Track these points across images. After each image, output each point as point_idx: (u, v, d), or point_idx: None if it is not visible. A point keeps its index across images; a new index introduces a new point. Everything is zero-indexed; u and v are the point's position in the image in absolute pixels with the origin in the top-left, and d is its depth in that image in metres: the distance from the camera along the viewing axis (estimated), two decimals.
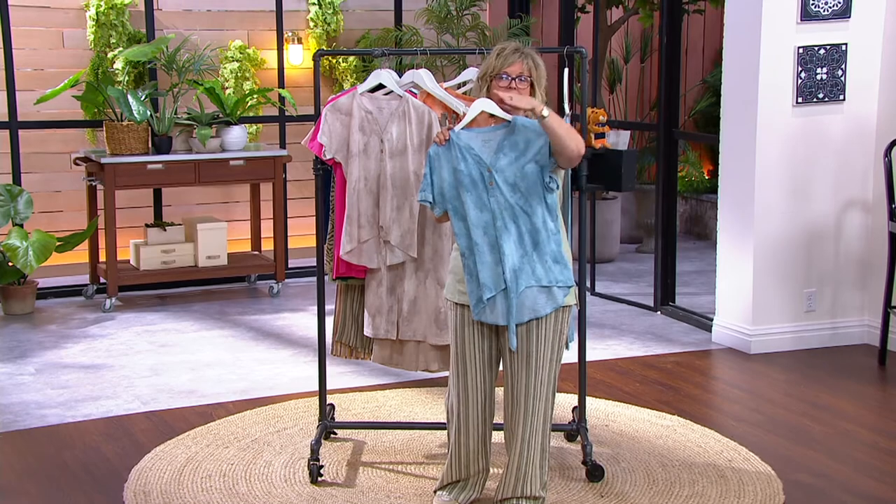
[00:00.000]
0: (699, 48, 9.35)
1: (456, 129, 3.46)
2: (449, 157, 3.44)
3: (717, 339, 5.85)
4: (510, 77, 3.46)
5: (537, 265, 3.42)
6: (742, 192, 5.63)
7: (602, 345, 5.82)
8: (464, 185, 3.42)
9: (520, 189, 3.40)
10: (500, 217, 3.40)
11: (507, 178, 3.40)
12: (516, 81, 3.46)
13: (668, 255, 6.47)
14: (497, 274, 3.40)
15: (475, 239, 3.41)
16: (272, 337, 6.02)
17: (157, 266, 6.75)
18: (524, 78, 3.48)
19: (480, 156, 3.41)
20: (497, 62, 3.48)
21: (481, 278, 3.41)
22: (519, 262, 3.41)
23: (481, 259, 3.41)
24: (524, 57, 3.49)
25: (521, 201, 3.40)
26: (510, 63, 3.47)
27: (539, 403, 3.48)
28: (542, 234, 3.41)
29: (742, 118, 5.59)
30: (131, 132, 6.47)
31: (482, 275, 3.41)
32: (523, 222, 3.40)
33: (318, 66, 4.23)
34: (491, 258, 3.41)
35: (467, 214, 3.42)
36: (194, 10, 7.36)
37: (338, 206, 4.23)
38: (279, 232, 6.96)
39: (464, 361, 3.53)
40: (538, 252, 3.41)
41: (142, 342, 5.91)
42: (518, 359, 3.47)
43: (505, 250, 3.39)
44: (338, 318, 4.38)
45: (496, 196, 3.40)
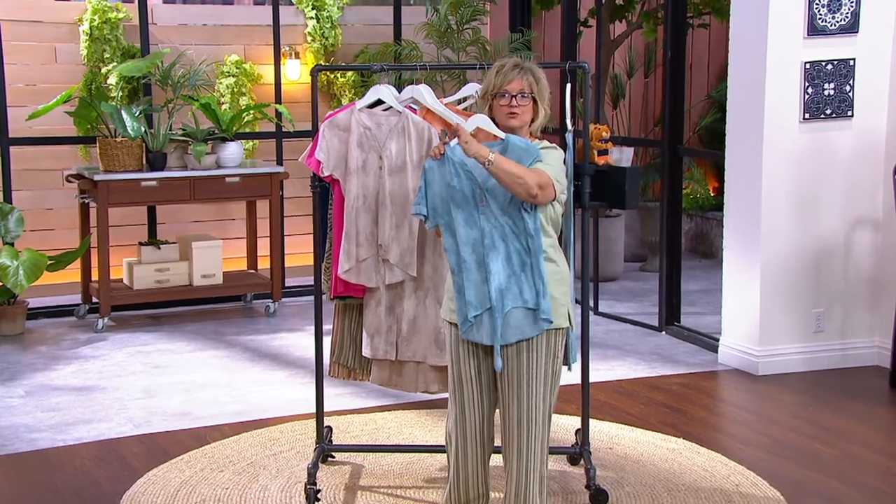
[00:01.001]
0: (704, 63, 9.37)
1: (451, 144, 3.46)
2: (443, 172, 3.45)
3: (723, 360, 5.83)
4: (511, 95, 3.46)
5: (525, 286, 3.41)
6: (748, 209, 5.62)
7: (606, 366, 5.80)
8: (455, 200, 3.42)
9: (510, 209, 3.40)
10: (490, 235, 3.40)
11: (497, 197, 3.41)
12: (517, 99, 3.46)
13: (672, 274, 6.47)
14: (483, 293, 3.40)
15: (463, 256, 3.41)
16: (268, 358, 6.01)
17: (151, 285, 6.75)
18: (525, 94, 3.48)
19: (473, 172, 3.42)
20: (497, 80, 3.47)
21: (467, 296, 3.41)
22: (506, 282, 3.40)
23: (468, 277, 3.41)
24: (524, 72, 3.49)
25: (511, 221, 3.40)
26: (510, 80, 3.47)
27: (534, 430, 3.44)
28: (533, 256, 3.40)
29: (748, 134, 5.59)
30: (125, 148, 6.47)
31: (468, 292, 3.41)
32: (512, 242, 3.40)
33: (315, 82, 4.23)
34: (478, 276, 3.41)
35: (457, 231, 3.42)
36: (190, 25, 7.38)
37: (336, 224, 4.23)
38: (276, 250, 6.95)
39: (460, 382, 3.52)
40: (526, 273, 3.41)
41: (135, 363, 5.89)
42: (509, 383, 3.44)
43: (492, 269, 3.38)
44: (335, 338, 4.37)
45: (486, 214, 3.40)
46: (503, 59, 3.55)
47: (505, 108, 3.46)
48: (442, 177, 3.45)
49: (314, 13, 7.52)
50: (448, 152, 3.44)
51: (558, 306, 3.44)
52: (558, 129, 7.22)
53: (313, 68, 4.26)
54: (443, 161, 3.45)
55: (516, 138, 3.44)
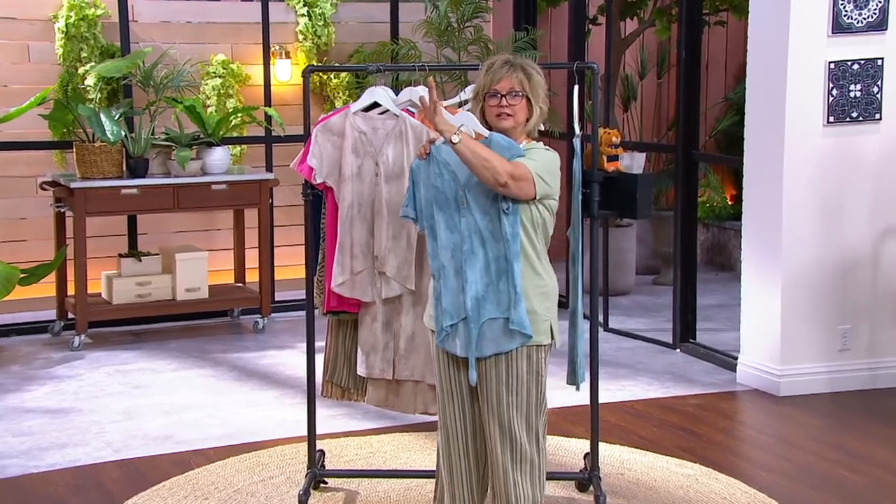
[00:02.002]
0: (721, 63, 9.39)
1: (437, 143, 3.48)
2: (428, 172, 3.47)
3: (742, 379, 5.83)
4: (500, 94, 3.46)
5: (503, 296, 3.40)
6: (768, 218, 5.63)
7: (616, 385, 5.80)
8: (438, 202, 3.44)
9: (491, 212, 3.41)
10: (469, 240, 3.40)
11: (478, 198, 3.41)
12: (508, 98, 3.47)
13: (687, 288, 6.47)
14: (459, 301, 3.41)
15: (443, 261, 3.43)
16: (257, 377, 6.01)
17: (132, 300, 6.75)
18: (516, 93, 3.47)
19: (457, 172, 3.43)
20: (486, 79, 3.48)
21: (444, 304, 3.42)
22: (483, 291, 3.40)
23: (446, 284, 3.42)
24: (514, 69, 3.47)
25: (491, 226, 3.40)
26: (499, 78, 3.46)
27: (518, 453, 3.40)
28: (511, 262, 3.38)
29: (768, 139, 5.60)
30: (104, 154, 6.48)
31: (445, 300, 3.42)
32: (491, 248, 3.40)
33: (307, 83, 4.24)
34: (455, 283, 3.42)
35: (439, 235, 3.44)
36: (173, 22, 7.39)
37: (329, 235, 4.23)
38: (265, 262, 6.96)
39: (441, 392, 3.54)
40: (503, 283, 3.40)
41: (113, 383, 5.89)
42: (487, 400, 3.43)
43: (468, 277, 3.39)
44: (328, 356, 4.37)
45: (467, 217, 3.41)
46: (494, 57, 3.56)
47: (495, 108, 3.47)
48: (427, 177, 3.47)
49: (306, 10, 7.54)
50: (434, 151, 3.46)
51: (539, 322, 3.41)
52: (566, 134, 7.24)
53: (305, 69, 4.27)
54: (429, 160, 3.47)
55: (500, 136, 3.44)
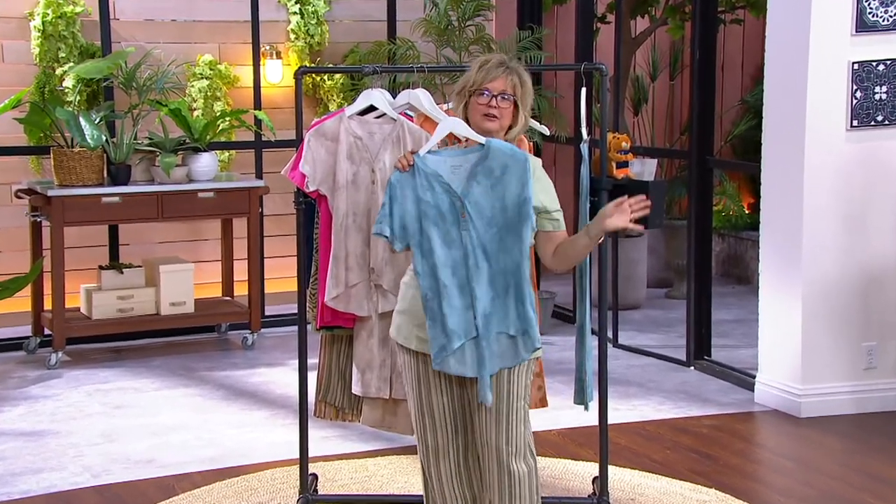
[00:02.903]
0: (737, 63, 9.40)
1: (421, 153, 3.48)
2: (413, 186, 3.46)
3: (760, 399, 5.83)
4: (491, 94, 3.49)
5: (510, 310, 3.43)
6: (788, 228, 5.63)
7: (626, 405, 5.80)
8: (429, 217, 3.43)
9: (496, 223, 3.42)
10: (472, 254, 3.41)
11: (481, 210, 3.42)
12: (498, 100, 3.50)
13: (702, 302, 6.47)
14: (467, 320, 3.42)
15: (443, 280, 3.42)
16: (246, 396, 6.01)
17: (113, 315, 6.75)
18: (507, 96, 3.51)
19: (450, 184, 3.44)
20: (478, 76, 3.51)
21: (449, 324, 3.41)
22: (490, 306, 3.42)
23: (450, 303, 3.42)
24: (509, 72, 3.52)
25: (497, 238, 3.42)
26: (492, 78, 3.50)
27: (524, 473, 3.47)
28: (517, 275, 3.43)
29: (787, 144, 5.61)
30: (83, 160, 6.48)
31: (451, 320, 3.41)
32: (496, 261, 3.42)
33: (299, 85, 4.25)
34: (461, 302, 3.42)
35: (433, 251, 3.43)
36: (157, 20, 7.41)
37: (322, 245, 4.24)
38: (254, 275, 6.96)
39: (431, 419, 3.53)
40: (509, 296, 3.43)
41: (93, 403, 5.89)
42: (487, 419, 3.47)
43: (476, 293, 3.41)
44: (322, 373, 4.37)
45: (468, 230, 3.42)
46: (488, 55, 3.59)
47: (483, 107, 3.49)
48: (412, 190, 3.45)
49: (298, 7, 7.56)
50: (418, 162, 3.46)
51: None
52: (572, 139, 7.25)
53: (297, 70, 4.28)
54: (412, 173, 3.46)
55: (499, 142, 3.46)
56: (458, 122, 3.51)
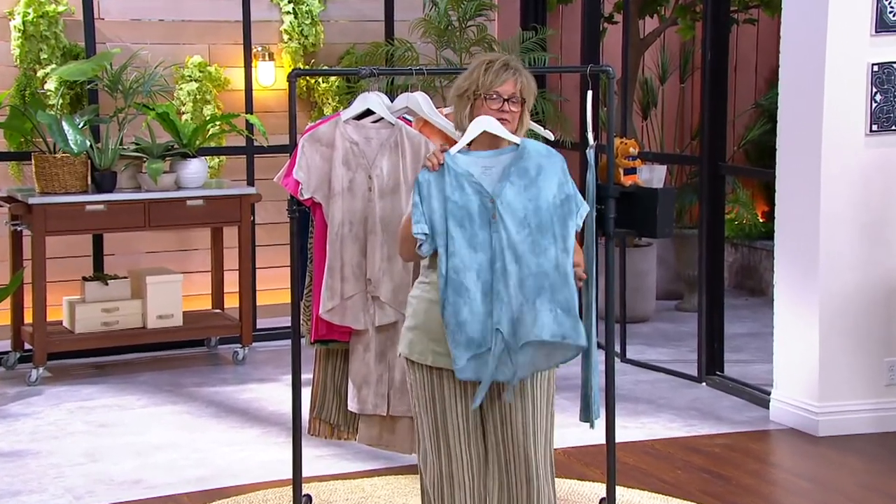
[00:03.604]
0: (751, 65, 9.41)
1: (451, 152, 3.49)
2: (441, 185, 3.47)
3: (776, 417, 5.83)
4: (502, 98, 3.52)
5: (540, 315, 3.43)
6: (804, 237, 5.64)
7: (635, 423, 5.80)
8: (458, 218, 3.45)
9: (529, 224, 3.44)
10: (501, 257, 3.42)
11: (514, 212, 3.44)
12: (509, 104, 3.53)
13: (714, 315, 6.47)
14: (487, 327, 3.43)
15: (466, 284, 3.43)
16: (236, 413, 6.00)
17: (97, 328, 6.74)
18: (517, 99, 3.55)
19: (482, 184, 3.45)
20: (485, 79, 3.53)
21: (469, 332, 3.42)
22: (518, 311, 3.43)
23: (472, 308, 3.42)
24: (518, 74, 3.56)
25: (529, 240, 3.44)
26: (502, 81, 3.53)
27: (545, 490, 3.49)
28: (551, 277, 3.43)
29: (803, 149, 5.62)
30: (66, 167, 6.49)
31: (471, 328, 3.42)
32: (526, 264, 3.43)
33: (293, 88, 4.26)
34: (483, 308, 3.43)
35: (457, 254, 3.44)
36: (144, 20, 7.41)
37: (317, 256, 4.24)
38: (245, 286, 6.96)
39: (446, 442, 3.53)
40: (542, 299, 3.43)
41: (75, 422, 5.88)
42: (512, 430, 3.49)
43: (503, 297, 3.42)
44: (316, 389, 4.37)
45: (499, 232, 3.43)
46: (488, 55, 3.60)
47: (495, 112, 3.51)
48: (440, 190, 3.47)
49: (291, 7, 7.57)
50: (448, 161, 3.47)
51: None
52: (578, 144, 7.26)
53: (291, 72, 4.29)
54: (441, 172, 3.48)
55: (535, 143, 3.51)
56: (491, 121, 3.51)
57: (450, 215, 3.45)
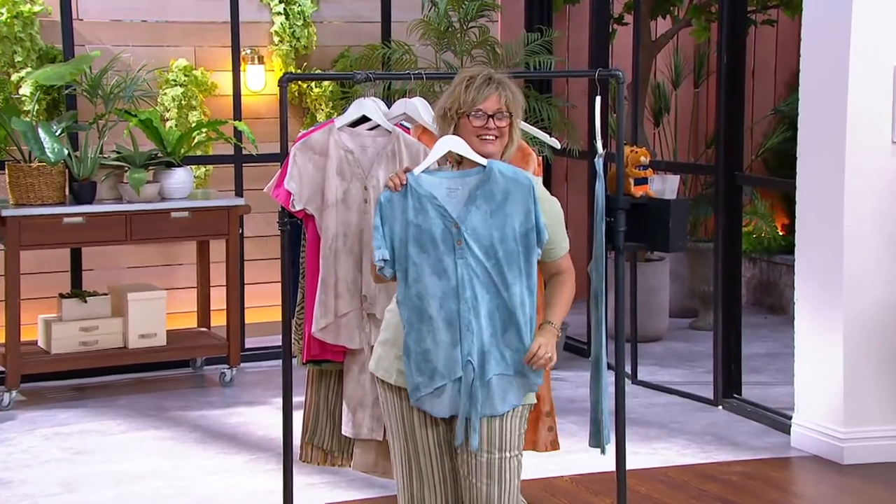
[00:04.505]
0: (769, 69, 9.43)
1: (415, 172, 3.51)
2: (403, 207, 3.49)
3: (797, 443, 5.82)
4: (486, 114, 3.53)
5: (507, 350, 3.49)
6: (827, 252, 5.64)
7: (647, 448, 5.80)
8: (420, 243, 3.47)
9: (495, 253, 3.47)
10: (468, 285, 3.45)
11: (479, 238, 3.47)
12: (494, 120, 3.53)
13: (731, 334, 6.47)
14: (453, 358, 3.46)
15: (429, 311, 3.46)
16: (223, 438, 6.00)
17: (75, 348, 6.74)
18: (503, 114, 3.55)
19: (445, 207, 3.47)
20: (467, 96, 3.53)
21: (433, 361, 3.45)
22: (488, 343, 3.47)
23: (434, 338, 3.46)
24: (502, 87, 3.56)
25: (496, 269, 3.47)
26: (485, 97, 3.53)
27: None
28: (517, 314, 3.48)
29: (825, 158, 5.62)
30: (42, 176, 6.49)
31: (434, 357, 3.46)
32: (495, 295, 3.48)
33: (284, 93, 4.27)
34: (447, 337, 3.46)
35: (420, 280, 3.47)
36: (125, 21, 7.42)
37: (309, 270, 4.25)
38: (233, 303, 6.96)
39: (418, 467, 3.56)
40: (509, 334, 3.49)
41: (51, 448, 5.88)
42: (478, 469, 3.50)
43: (473, 327, 3.45)
44: (309, 413, 4.37)
45: (465, 258, 3.46)
46: (470, 70, 3.62)
47: (480, 129, 3.52)
48: (402, 212, 3.49)
49: (282, 7, 7.58)
50: (412, 182, 3.49)
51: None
52: (586, 153, 7.27)
53: (282, 77, 4.29)
54: (404, 193, 3.49)
55: (502, 165, 3.51)
56: (456, 140, 3.54)
57: (411, 239, 3.48)
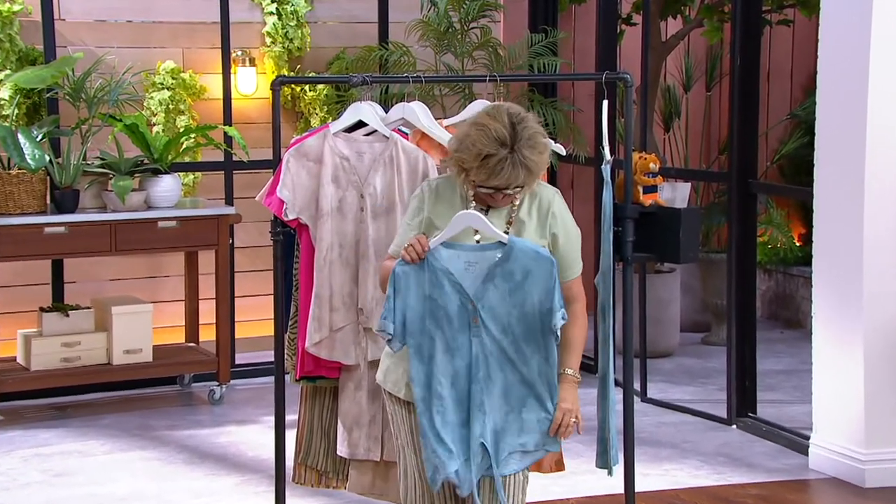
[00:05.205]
0: (786, 71, 9.44)
1: (433, 244, 3.49)
2: (420, 280, 3.49)
3: (815, 465, 5.82)
4: (497, 190, 3.47)
5: (530, 422, 3.54)
6: (846, 263, 5.64)
7: (657, 470, 5.80)
8: (435, 318, 3.49)
9: (513, 332, 3.49)
10: (483, 365, 3.48)
11: (497, 317, 3.49)
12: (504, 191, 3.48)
13: (745, 349, 6.47)
14: (462, 437, 3.49)
15: (438, 390, 3.48)
16: (212, 459, 6.00)
17: (55, 365, 6.74)
18: (515, 188, 3.49)
19: (461, 283, 3.48)
20: (479, 172, 3.42)
21: (447, 441, 3.48)
22: (502, 422, 3.51)
23: (444, 418, 3.48)
24: (516, 167, 3.41)
25: (513, 347, 3.50)
26: (498, 176, 3.42)
27: None
28: (537, 386, 3.52)
29: (844, 165, 5.62)
30: (22, 184, 6.50)
31: (446, 436, 3.48)
32: (511, 371, 3.51)
33: (277, 97, 4.28)
34: (456, 417, 3.49)
35: (433, 358, 3.49)
36: (110, 21, 7.43)
37: (303, 283, 4.25)
38: (223, 317, 6.96)
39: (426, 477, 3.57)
40: (528, 408, 3.53)
41: (31, 471, 5.87)
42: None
43: (486, 407, 3.49)
44: (302, 432, 4.37)
45: (480, 337, 3.48)
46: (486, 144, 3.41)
47: (488, 198, 3.51)
48: (419, 286, 3.49)
49: (275, 7, 7.59)
50: (429, 257, 3.48)
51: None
52: (593, 159, 7.28)
53: (274, 80, 4.31)
54: (421, 266, 3.49)
55: (524, 243, 3.48)
56: (476, 217, 3.48)
57: (428, 314, 3.49)
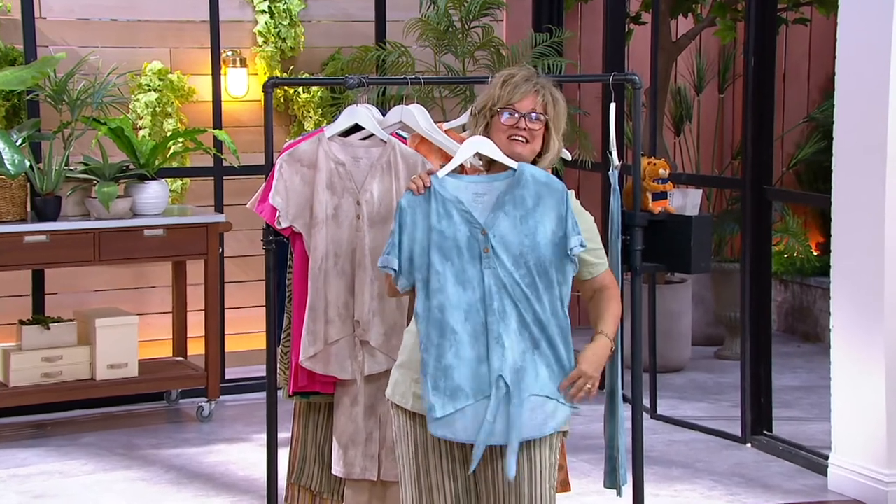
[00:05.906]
0: (802, 72, 9.46)
1: (440, 174, 3.53)
2: (426, 212, 3.51)
3: (835, 485, 5.82)
4: (519, 113, 3.58)
5: (542, 368, 3.49)
6: (866, 273, 5.64)
7: (668, 490, 5.80)
8: (443, 250, 3.49)
9: (526, 262, 3.49)
10: (497, 296, 3.47)
11: (508, 246, 3.49)
12: (526, 120, 3.59)
13: (760, 364, 6.48)
14: (479, 375, 3.46)
15: (452, 325, 3.47)
16: (201, 479, 6.00)
17: (36, 380, 6.73)
18: (538, 115, 3.61)
19: (472, 212, 3.50)
20: (503, 92, 3.62)
21: (456, 379, 3.45)
22: (520, 360, 3.48)
23: (459, 353, 3.46)
24: (540, 88, 3.64)
25: (527, 279, 3.49)
26: (520, 96, 3.61)
27: None
28: (550, 327, 3.50)
29: (864, 170, 5.63)
30: (2, 190, 6.50)
31: (457, 374, 3.45)
32: (526, 308, 3.48)
33: (269, 99, 4.29)
34: (472, 353, 3.47)
35: (444, 290, 3.48)
36: (93, 20, 7.43)
37: (296, 294, 4.26)
38: (212, 330, 6.96)
39: (430, 497, 3.56)
40: (541, 352, 3.50)
41: (8, 493, 5.87)
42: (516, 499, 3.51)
43: (504, 341, 3.45)
44: (295, 451, 4.38)
45: (492, 268, 3.47)
46: (512, 69, 3.68)
47: (509, 128, 3.57)
48: (425, 218, 3.51)
49: (267, 6, 7.61)
50: (436, 185, 3.51)
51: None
52: (600, 165, 7.29)
53: (266, 82, 4.32)
54: (427, 197, 3.52)
55: (534, 169, 3.54)
56: (484, 141, 3.58)
57: (434, 247, 3.49)
